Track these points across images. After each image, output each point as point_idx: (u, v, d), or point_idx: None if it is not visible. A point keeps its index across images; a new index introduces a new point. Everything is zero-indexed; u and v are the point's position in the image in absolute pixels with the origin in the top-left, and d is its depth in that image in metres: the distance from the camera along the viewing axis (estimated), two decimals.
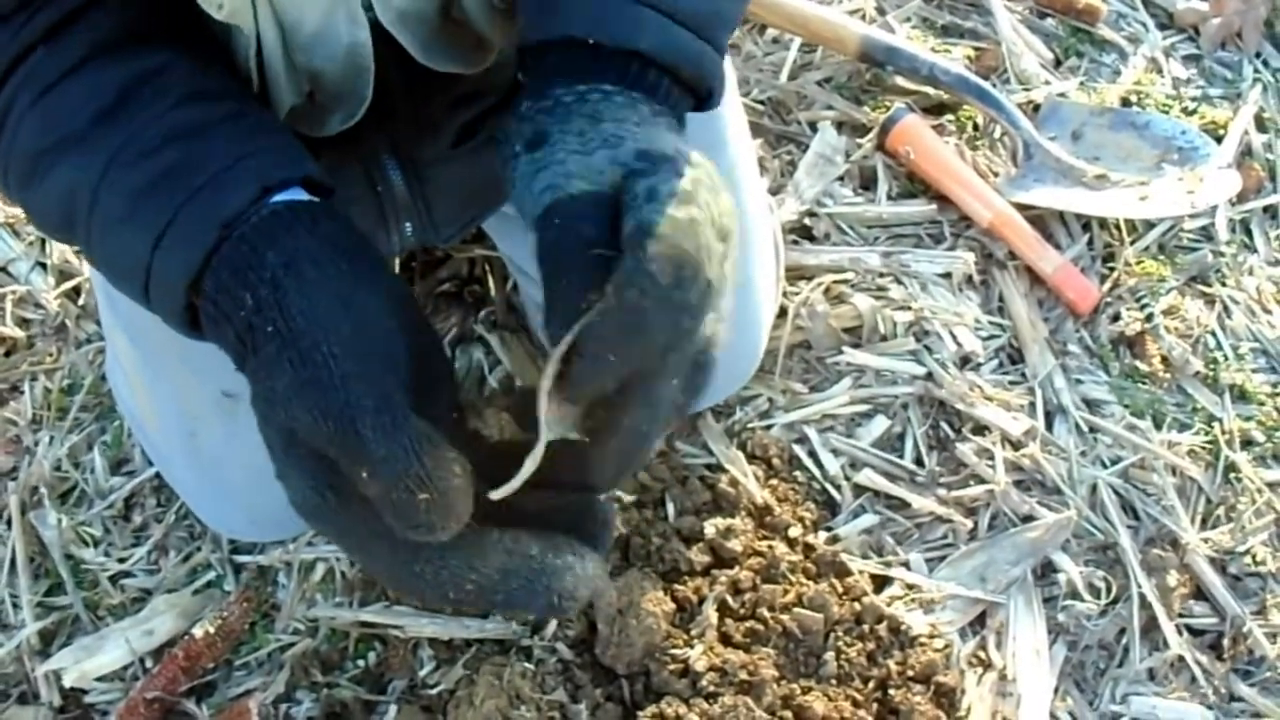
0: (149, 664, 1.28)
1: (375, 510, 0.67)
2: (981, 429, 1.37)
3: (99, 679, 1.28)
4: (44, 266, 1.47)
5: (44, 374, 1.42)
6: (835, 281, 1.43)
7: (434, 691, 1.24)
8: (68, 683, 1.27)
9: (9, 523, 1.34)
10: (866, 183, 1.54)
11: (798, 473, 1.34)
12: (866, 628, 1.23)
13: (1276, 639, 1.32)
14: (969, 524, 1.33)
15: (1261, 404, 1.44)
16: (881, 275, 1.44)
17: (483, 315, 1.43)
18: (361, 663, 1.27)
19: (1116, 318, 1.46)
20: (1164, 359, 1.45)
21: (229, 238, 0.72)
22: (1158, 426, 1.41)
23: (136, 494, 1.35)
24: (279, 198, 0.74)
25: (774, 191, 1.50)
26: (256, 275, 0.71)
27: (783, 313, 1.40)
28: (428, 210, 1.09)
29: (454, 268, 1.46)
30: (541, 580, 0.71)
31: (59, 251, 1.46)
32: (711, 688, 1.16)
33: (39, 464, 1.36)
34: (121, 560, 1.33)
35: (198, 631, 1.27)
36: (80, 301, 1.44)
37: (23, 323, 1.44)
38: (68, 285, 1.45)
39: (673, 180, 0.72)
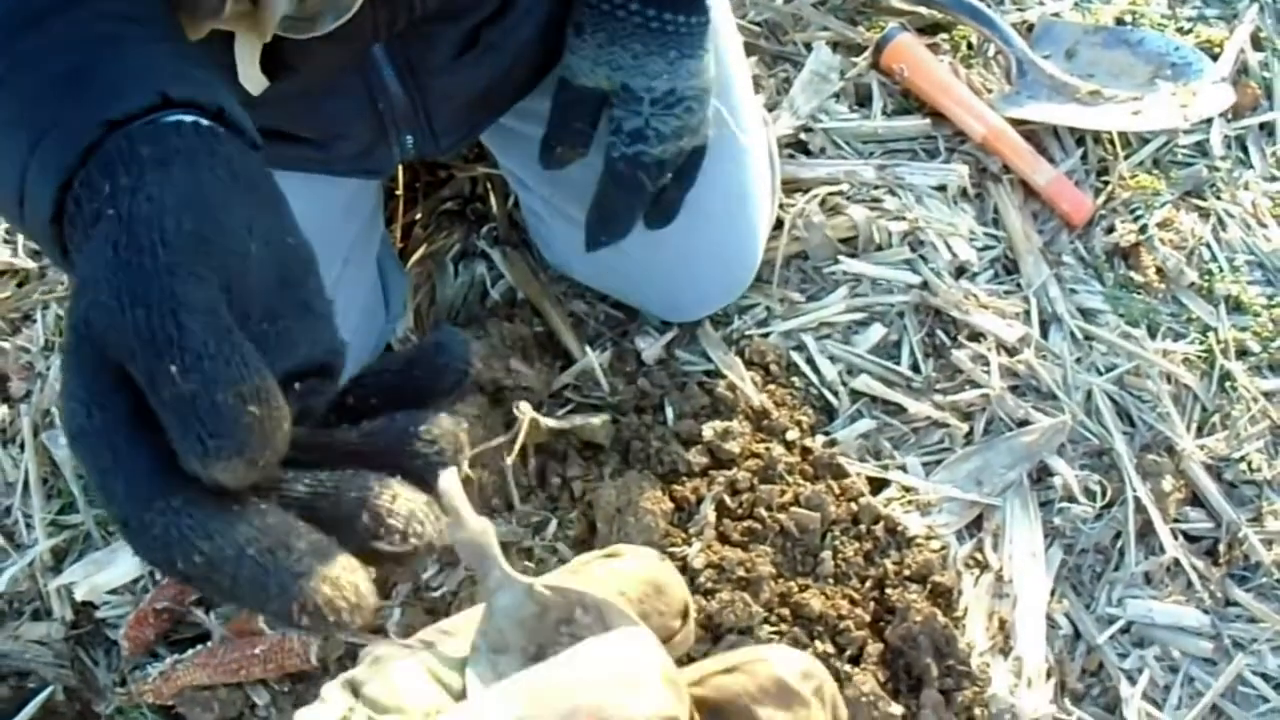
0: (158, 577, 1.29)
1: (136, 441, 0.52)
2: (976, 336, 1.38)
3: (110, 592, 1.30)
4: None
5: (55, 301, 1.43)
6: (831, 193, 1.43)
7: (437, 594, 1.25)
8: (79, 597, 1.29)
9: (22, 445, 1.35)
10: (861, 100, 1.55)
11: (795, 379, 1.35)
12: (863, 528, 1.24)
13: (1272, 545, 1.33)
14: (965, 428, 1.33)
15: (1257, 315, 1.45)
16: (876, 187, 1.45)
17: (485, 231, 1.43)
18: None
19: (1111, 230, 1.46)
20: (1159, 270, 1.45)
21: (110, 135, 0.62)
22: (1153, 335, 1.42)
23: None
24: (183, 117, 0.63)
25: (770, 108, 1.51)
26: (123, 167, 0.60)
27: (779, 224, 1.40)
28: (428, 120, 1.10)
29: (456, 187, 1.47)
30: (282, 578, 0.52)
31: None
32: (709, 584, 1.17)
33: (50, 387, 1.37)
34: None
35: None
36: None
37: (34, 254, 1.45)
38: None
39: (635, 119, 1.12)
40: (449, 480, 0.78)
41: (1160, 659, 1.28)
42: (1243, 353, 1.43)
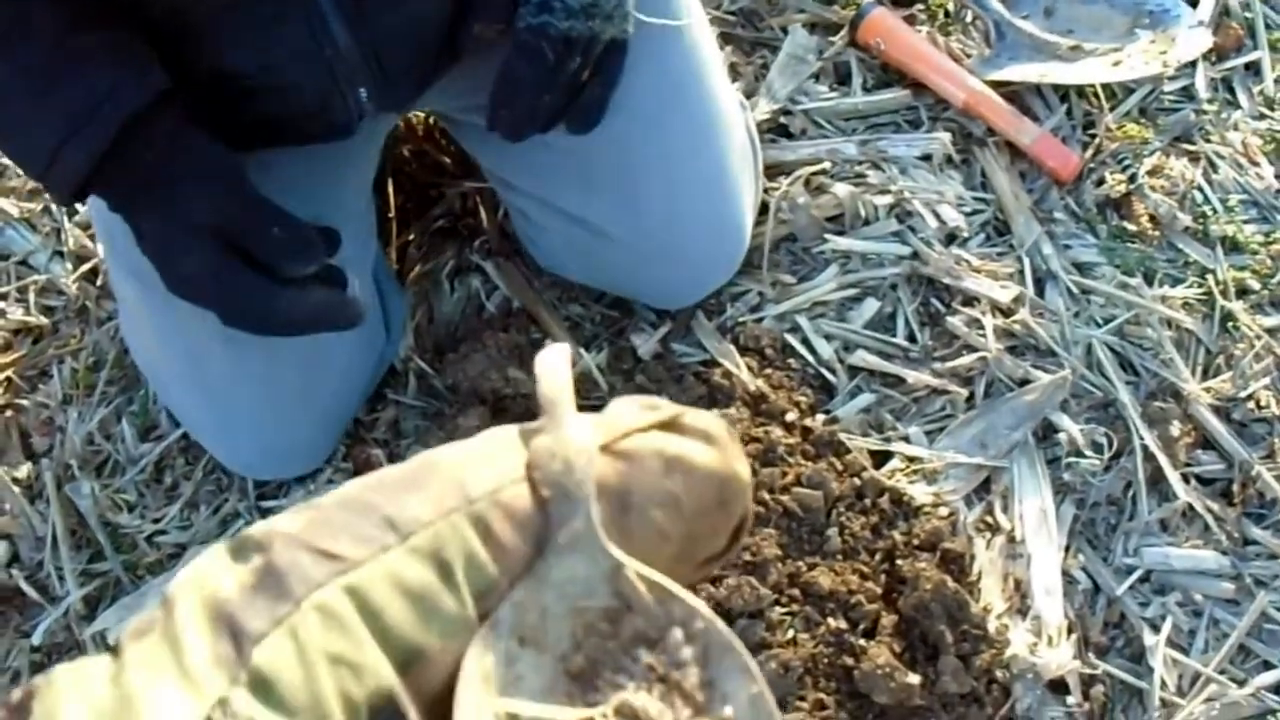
0: None
1: (246, 273, 1.00)
2: (971, 300, 1.38)
3: None
4: (61, 254, 1.50)
5: (70, 355, 1.45)
6: (814, 173, 1.44)
7: None
8: (113, 641, 1.30)
9: (47, 500, 1.37)
10: (841, 78, 1.55)
11: (791, 360, 1.35)
12: (868, 501, 1.25)
13: None
14: (965, 393, 1.34)
15: (1255, 253, 1.45)
16: (859, 163, 1.46)
17: (477, 245, 1.45)
18: None
19: (1101, 182, 1.46)
20: (1152, 217, 1.45)
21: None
22: (1150, 283, 1.41)
23: (165, 456, 1.38)
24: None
25: (748, 94, 1.51)
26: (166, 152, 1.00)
27: (764, 209, 1.41)
28: (379, 65, 1.09)
29: (447, 204, 1.48)
30: (343, 310, 1.06)
31: (74, 238, 1.49)
32: (716, 571, 1.18)
33: (71, 440, 1.39)
34: (156, 520, 1.36)
35: None
36: (98, 283, 1.47)
37: (46, 310, 1.47)
38: (85, 268, 1.48)
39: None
40: (553, 362, 0.76)
41: (1182, 604, 1.28)
42: (1243, 292, 1.42)
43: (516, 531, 0.71)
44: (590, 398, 1.33)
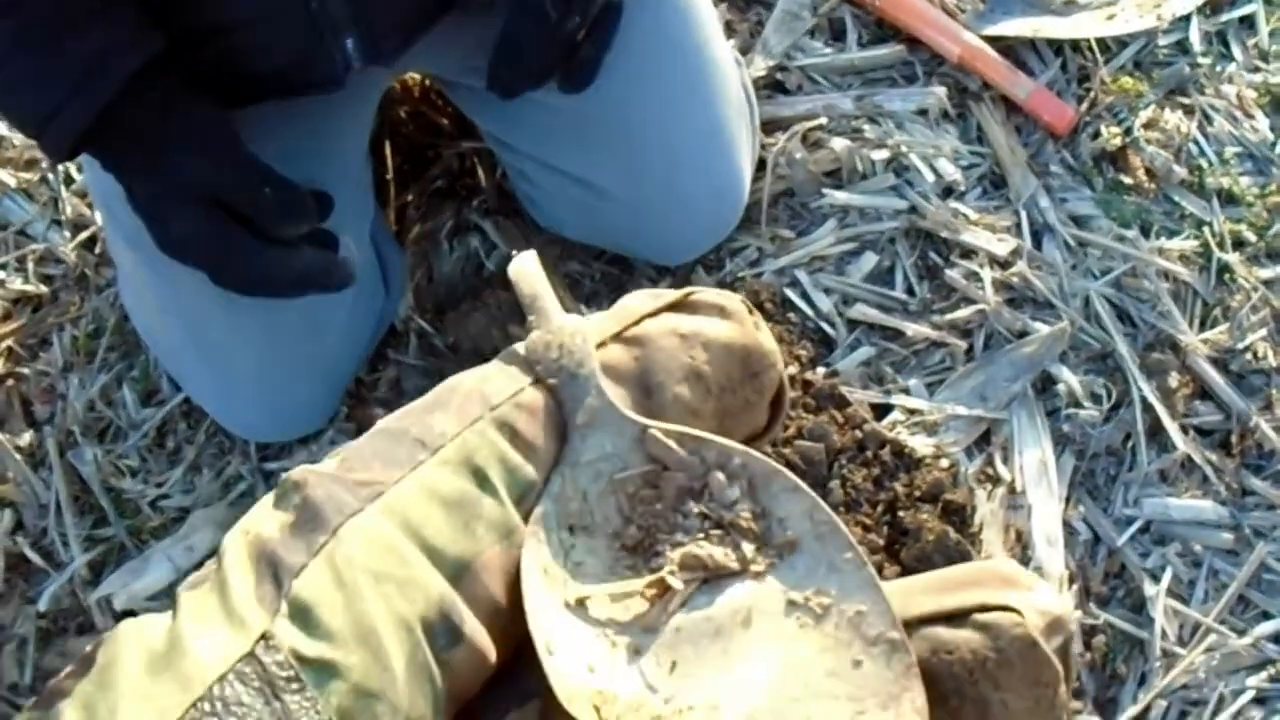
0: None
1: (239, 234, 1.00)
2: (969, 253, 1.38)
3: (148, 598, 1.31)
4: (59, 223, 1.49)
5: (70, 323, 1.44)
6: (811, 129, 1.44)
7: None
8: (119, 606, 1.31)
9: (50, 467, 1.37)
10: (836, 34, 1.55)
11: (791, 314, 1.36)
12: (870, 454, 1.25)
13: None
14: (964, 346, 1.34)
15: (1250, 205, 1.45)
16: (856, 118, 1.46)
17: (476, 205, 1.45)
18: None
19: (1096, 135, 1.46)
20: (1148, 170, 1.45)
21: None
22: (1147, 235, 1.42)
23: (167, 421, 1.39)
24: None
25: (743, 51, 1.51)
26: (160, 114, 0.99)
27: (762, 165, 1.41)
28: (365, 15, 1.08)
29: (445, 165, 1.48)
30: (336, 270, 1.06)
31: (72, 206, 1.48)
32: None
33: (72, 407, 1.39)
34: (159, 485, 1.36)
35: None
36: (97, 250, 1.47)
37: (45, 279, 1.47)
38: (83, 236, 1.48)
39: None
40: (525, 265, 0.78)
41: (1182, 555, 1.29)
42: (1239, 244, 1.43)
43: (541, 427, 0.72)
44: None
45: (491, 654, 0.71)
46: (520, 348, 0.76)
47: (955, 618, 0.73)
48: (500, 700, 0.73)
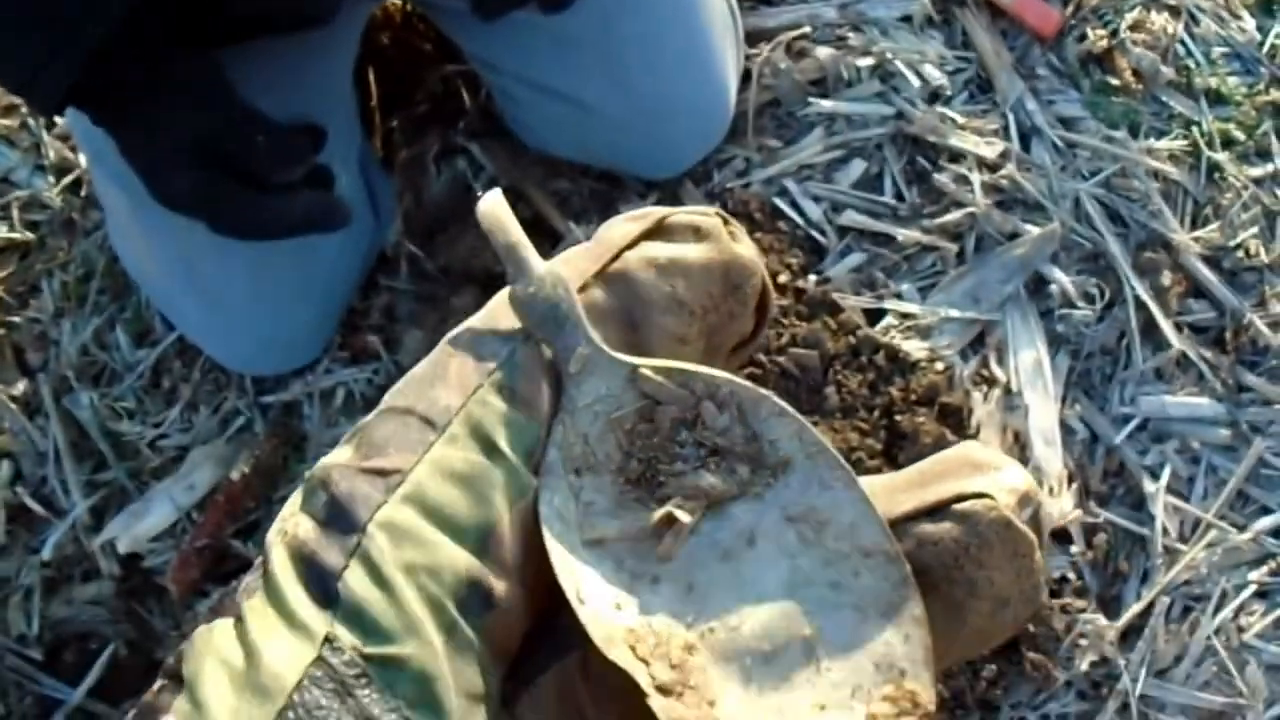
0: (195, 516, 1.32)
1: (234, 185, 1.00)
2: (957, 157, 1.38)
3: (151, 540, 1.32)
4: (42, 169, 1.49)
5: (58, 268, 1.44)
6: (795, 38, 1.43)
7: None
8: (123, 549, 1.31)
9: (47, 414, 1.37)
10: None
11: (780, 223, 1.35)
12: (864, 359, 1.25)
13: (1278, 327, 1.33)
14: (955, 249, 1.34)
15: (1239, 104, 1.44)
16: (840, 26, 1.45)
17: (461, 127, 1.44)
18: None
19: (1083, 38, 1.45)
20: (1135, 71, 1.44)
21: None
22: (1135, 135, 1.41)
23: (162, 361, 1.39)
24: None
25: None
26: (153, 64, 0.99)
27: (747, 76, 1.41)
28: None
29: (429, 90, 1.47)
30: (332, 213, 1.08)
31: (55, 150, 1.48)
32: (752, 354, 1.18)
33: (65, 352, 1.39)
34: (156, 425, 1.36)
35: (234, 475, 1.31)
36: (82, 194, 1.46)
37: (31, 225, 1.47)
38: (67, 180, 1.47)
39: None
40: (495, 210, 0.79)
41: (1180, 452, 1.29)
42: (1228, 143, 1.42)
43: (538, 383, 0.74)
44: None
45: (525, 611, 0.73)
46: (504, 302, 0.77)
47: (936, 511, 0.77)
48: (541, 656, 0.76)
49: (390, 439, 0.72)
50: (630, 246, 0.79)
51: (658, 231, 0.80)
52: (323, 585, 0.68)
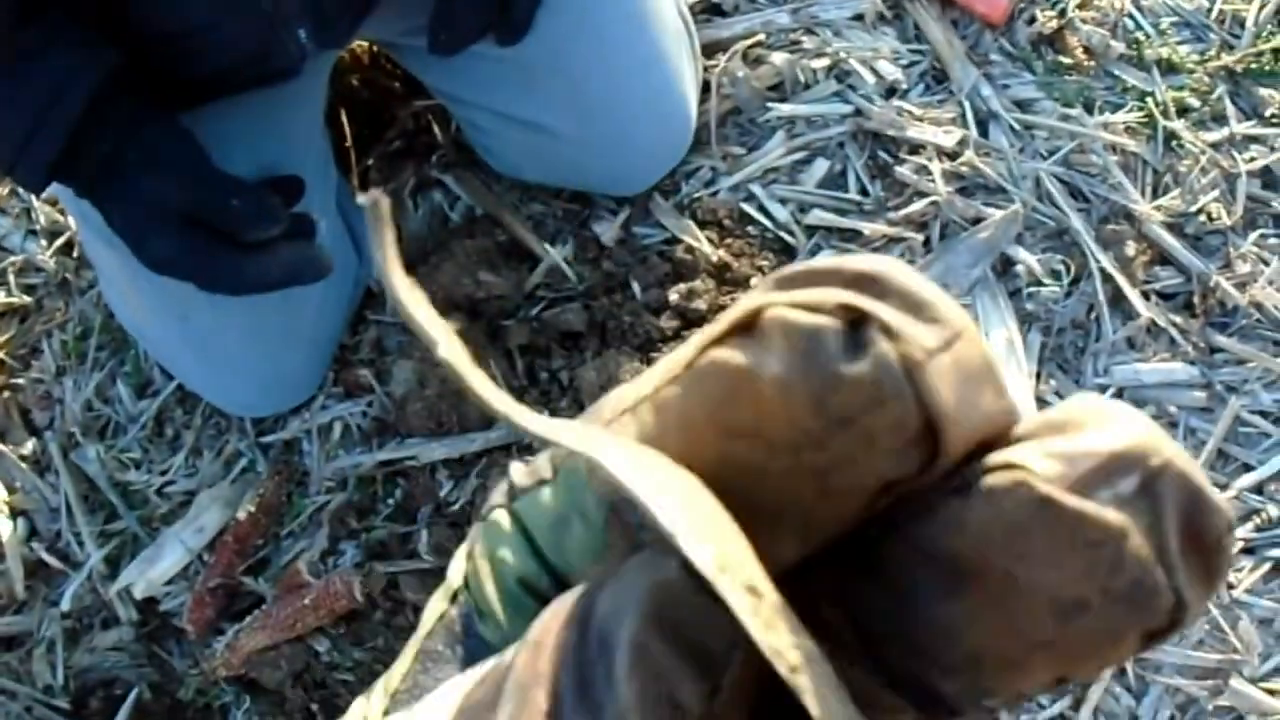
0: (206, 557, 1.36)
1: (216, 247, 1.05)
2: (917, 149, 1.40)
3: (166, 584, 1.35)
4: (34, 233, 1.52)
5: (57, 328, 1.47)
6: (750, 46, 1.46)
7: (456, 508, 1.30)
8: (139, 595, 1.34)
9: (56, 470, 1.40)
10: None
11: (750, 228, 1.38)
12: None
13: (1245, 287, 1.36)
14: (921, 238, 1.37)
15: (1191, 72, 1.47)
16: (794, 30, 1.48)
17: (435, 160, 1.48)
18: (390, 501, 1.34)
19: (1032, 20, 1.48)
20: (1086, 49, 1.47)
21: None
22: (1091, 112, 1.44)
23: (164, 410, 1.42)
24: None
25: None
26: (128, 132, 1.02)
27: (706, 87, 1.44)
28: (316, 4, 1.10)
29: (401, 126, 1.51)
30: (313, 265, 1.11)
31: (45, 215, 1.51)
32: None
33: (70, 409, 1.42)
34: (163, 473, 1.40)
35: (241, 515, 1.34)
36: (74, 254, 1.50)
37: (28, 289, 1.50)
38: (60, 242, 1.50)
39: None
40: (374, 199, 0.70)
41: (1157, 417, 1.31)
42: (1183, 110, 1.45)
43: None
44: (561, 290, 1.36)
45: None
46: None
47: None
48: None
49: None
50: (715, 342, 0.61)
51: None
52: None
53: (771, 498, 0.57)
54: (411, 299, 0.57)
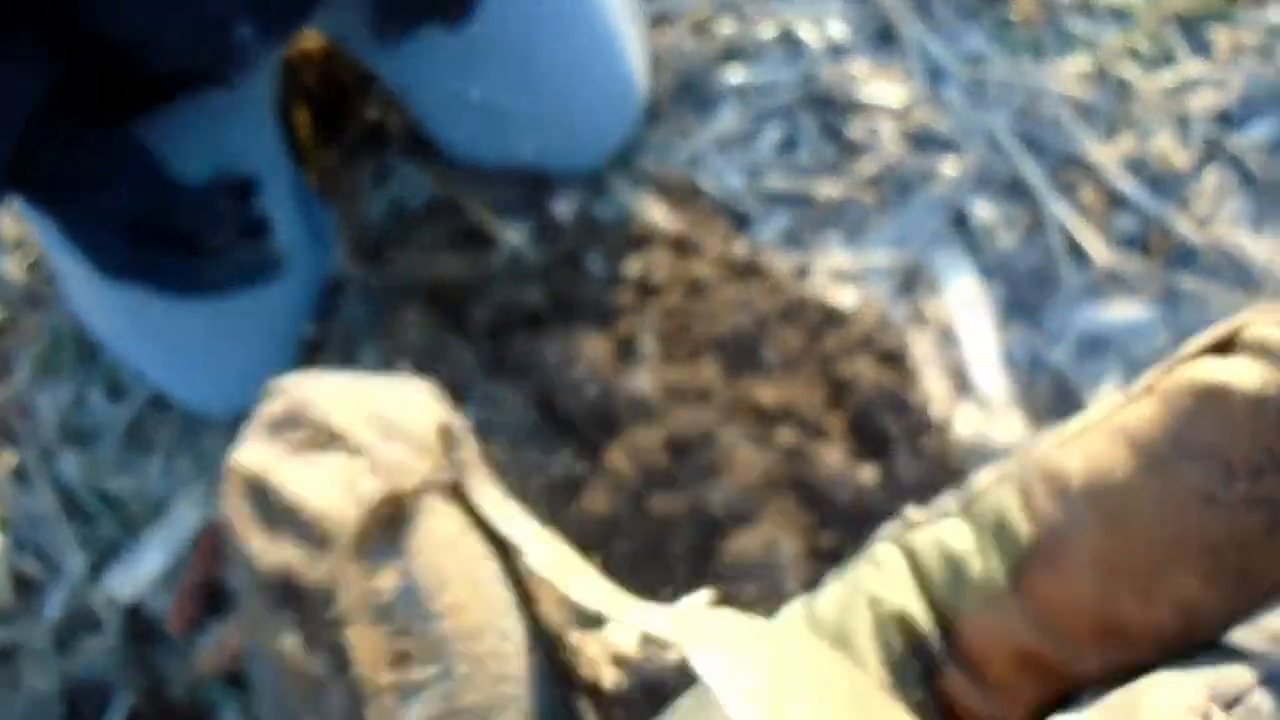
0: (187, 558, 1.36)
1: (169, 252, 1.05)
2: (868, 108, 1.41)
3: (149, 587, 1.36)
4: (1, 247, 1.52)
5: (29, 341, 1.47)
6: (696, 21, 1.46)
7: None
8: (124, 599, 1.35)
9: (35, 481, 1.41)
10: None
11: (705, 197, 1.39)
12: (799, 315, 1.28)
13: (1203, 225, 1.36)
14: (877, 197, 1.37)
15: (1140, 17, 1.47)
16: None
17: (392, 149, 1.48)
18: None
19: None
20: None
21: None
22: (1041, 62, 1.44)
23: (139, 414, 1.42)
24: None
25: None
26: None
27: (656, 60, 1.44)
28: (259, 1, 1.09)
29: (357, 118, 1.51)
30: (267, 264, 1.13)
31: (13, 233, 1.51)
32: (663, 406, 1.22)
33: (46, 420, 1.42)
34: (141, 477, 1.40)
35: (217, 514, 1.34)
36: (43, 267, 1.50)
37: (1, 304, 1.50)
38: (29, 260, 1.50)
39: None
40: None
41: (1122, 362, 1.31)
42: (1134, 55, 1.45)
43: None
44: (522, 270, 1.36)
45: None
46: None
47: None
48: None
49: None
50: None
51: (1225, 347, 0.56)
52: None
53: (1215, 529, 0.52)
54: (502, 513, 0.58)
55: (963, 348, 1.29)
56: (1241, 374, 0.51)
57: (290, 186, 1.36)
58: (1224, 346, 0.53)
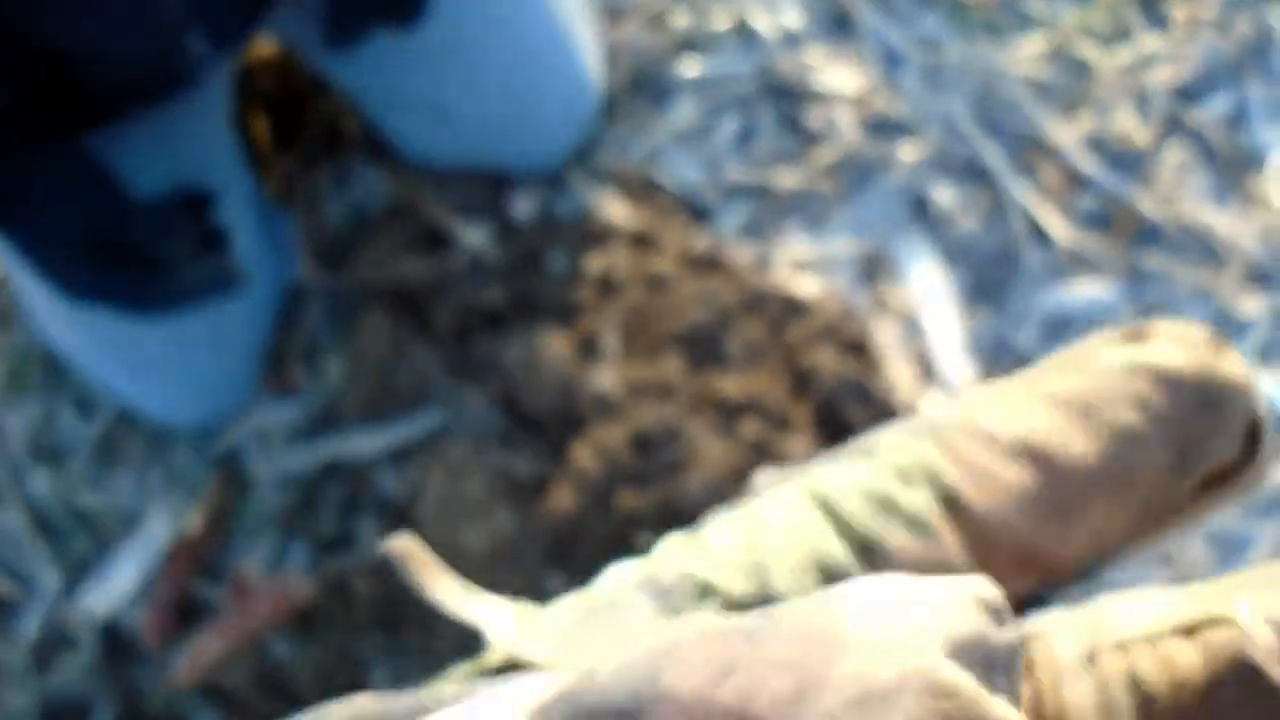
0: (161, 571, 1.35)
1: (125, 268, 1.04)
2: (826, 96, 1.40)
3: (124, 601, 1.35)
4: None
5: None
6: (650, 15, 1.46)
7: (399, 498, 1.31)
8: (99, 615, 1.35)
9: (6, 501, 1.40)
10: None
11: (664, 192, 1.38)
12: (761, 307, 1.28)
13: (1165, 201, 1.36)
14: (836, 185, 1.37)
15: None
16: None
17: (351, 155, 1.48)
18: (334, 497, 1.34)
19: None
20: None
21: None
22: (998, 44, 1.44)
23: (108, 430, 1.42)
24: None
25: None
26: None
27: (611, 55, 1.43)
28: (204, 8, 1.08)
29: (313, 124, 1.50)
30: (225, 276, 1.13)
31: None
32: (627, 403, 1.22)
33: (15, 439, 1.42)
34: (113, 491, 1.39)
35: (189, 526, 1.34)
36: (7, 286, 1.50)
37: None
38: None
39: None
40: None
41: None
42: (1091, 34, 1.45)
43: None
44: (483, 271, 1.36)
45: None
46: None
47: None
48: None
49: None
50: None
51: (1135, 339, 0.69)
52: None
53: (1137, 462, 0.53)
54: (463, 604, 0.57)
55: (926, 334, 1.29)
56: (1164, 351, 0.52)
57: (249, 196, 1.36)
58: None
